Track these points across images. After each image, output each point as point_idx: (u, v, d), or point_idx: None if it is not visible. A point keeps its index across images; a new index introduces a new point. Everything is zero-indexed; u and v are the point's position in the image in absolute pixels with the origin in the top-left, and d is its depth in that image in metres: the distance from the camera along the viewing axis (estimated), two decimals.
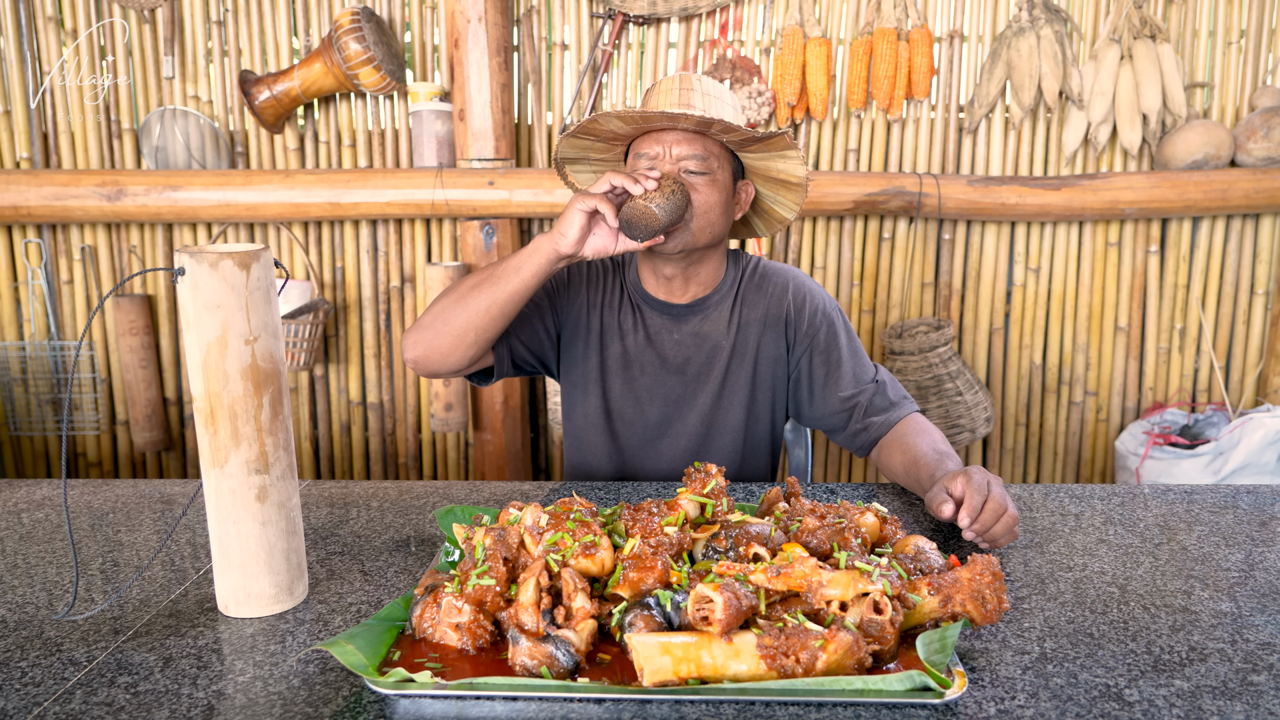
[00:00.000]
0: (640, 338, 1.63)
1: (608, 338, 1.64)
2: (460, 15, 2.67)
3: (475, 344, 1.47)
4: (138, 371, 2.89)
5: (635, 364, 1.63)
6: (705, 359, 1.62)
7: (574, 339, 1.65)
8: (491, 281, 1.43)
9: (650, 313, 1.63)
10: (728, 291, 1.63)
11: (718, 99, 1.51)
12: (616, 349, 1.63)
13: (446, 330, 1.46)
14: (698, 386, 1.62)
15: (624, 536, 1.05)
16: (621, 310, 1.64)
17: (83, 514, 1.38)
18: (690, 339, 1.62)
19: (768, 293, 1.63)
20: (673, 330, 1.62)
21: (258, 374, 1.00)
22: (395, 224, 2.93)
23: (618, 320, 1.63)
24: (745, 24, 2.85)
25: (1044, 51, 2.72)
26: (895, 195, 2.72)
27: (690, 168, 1.46)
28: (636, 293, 1.64)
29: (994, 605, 0.91)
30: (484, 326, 1.45)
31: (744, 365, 1.62)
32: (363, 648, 0.90)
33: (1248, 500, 1.40)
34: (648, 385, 1.63)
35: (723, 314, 1.62)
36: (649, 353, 1.63)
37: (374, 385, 3.02)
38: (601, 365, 1.64)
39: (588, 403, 1.66)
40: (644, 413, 1.64)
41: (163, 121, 2.83)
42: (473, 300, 1.44)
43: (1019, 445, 3.08)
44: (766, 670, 0.84)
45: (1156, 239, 2.90)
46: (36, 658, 0.94)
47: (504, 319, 1.46)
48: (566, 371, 1.67)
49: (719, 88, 1.53)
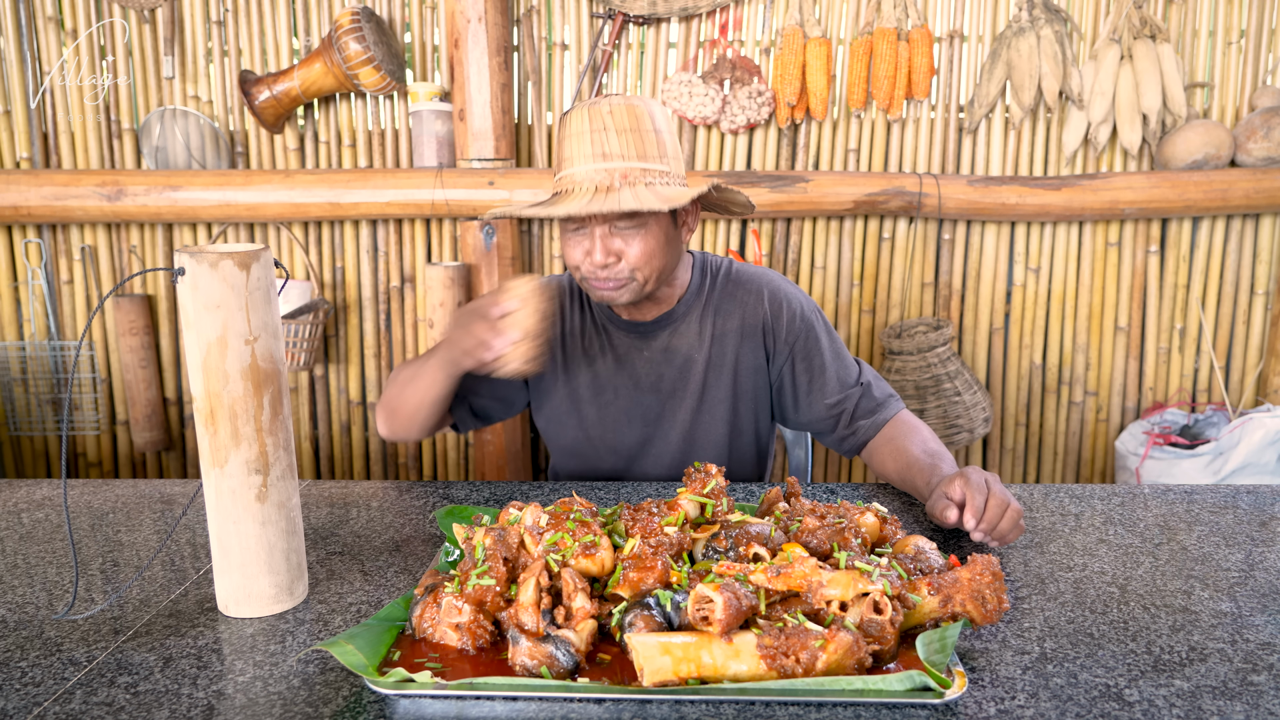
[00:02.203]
0: (609, 361, 1.59)
1: (574, 366, 1.60)
2: (460, 15, 2.67)
3: (425, 425, 1.53)
4: (138, 371, 2.89)
5: (608, 389, 1.60)
6: (678, 373, 1.58)
7: (540, 373, 1.61)
8: (416, 381, 1.48)
9: (616, 333, 1.59)
10: (695, 300, 1.59)
11: (636, 131, 1.38)
12: (586, 377, 1.60)
13: (400, 415, 1.53)
14: (675, 403, 1.59)
15: (624, 536, 1.05)
16: (585, 336, 1.60)
17: (83, 514, 1.38)
18: (660, 355, 1.58)
19: (742, 300, 1.58)
20: (642, 348, 1.59)
21: (258, 374, 1.00)
22: (395, 224, 2.93)
23: (582, 346, 1.60)
24: (745, 24, 2.85)
25: (1044, 51, 2.72)
26: (895, 195, 2.72)
27: (621, 225, 1.41)
28: (600, 313, 1.61)
29: (994, 605, 0.91)
30: (427, 415, 1.51)
31: (722, 377, 1.58)
32: (363, 648, 0.90)
33: (1248, 500, 1.40)
34: (623, 408, 1.60)
35: (691, 325, 1.58)
36: (620, 375, 1.59)
37: (374, 385, 3.02)
38: (572, 395, 1.61)
39: (564, 434, 1.64)
40: (623, 436, 1.61)
41: (163, 121, 2.83)
42: (409, 394, 1.50)
43: (1019, 445, 3.08)
44: (766, 670, 0.84)
45: (1156, 239, 2.90)
46: (36, 658, 0.94)
47: (440, 409, 1.50)
48: (539, 407, 1.66)
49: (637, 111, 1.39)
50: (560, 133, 1.43)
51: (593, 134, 1.38)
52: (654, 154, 1.40)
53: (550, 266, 2.97)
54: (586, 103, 1.41)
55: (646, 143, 1.39)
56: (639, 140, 1.39)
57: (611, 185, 1.37)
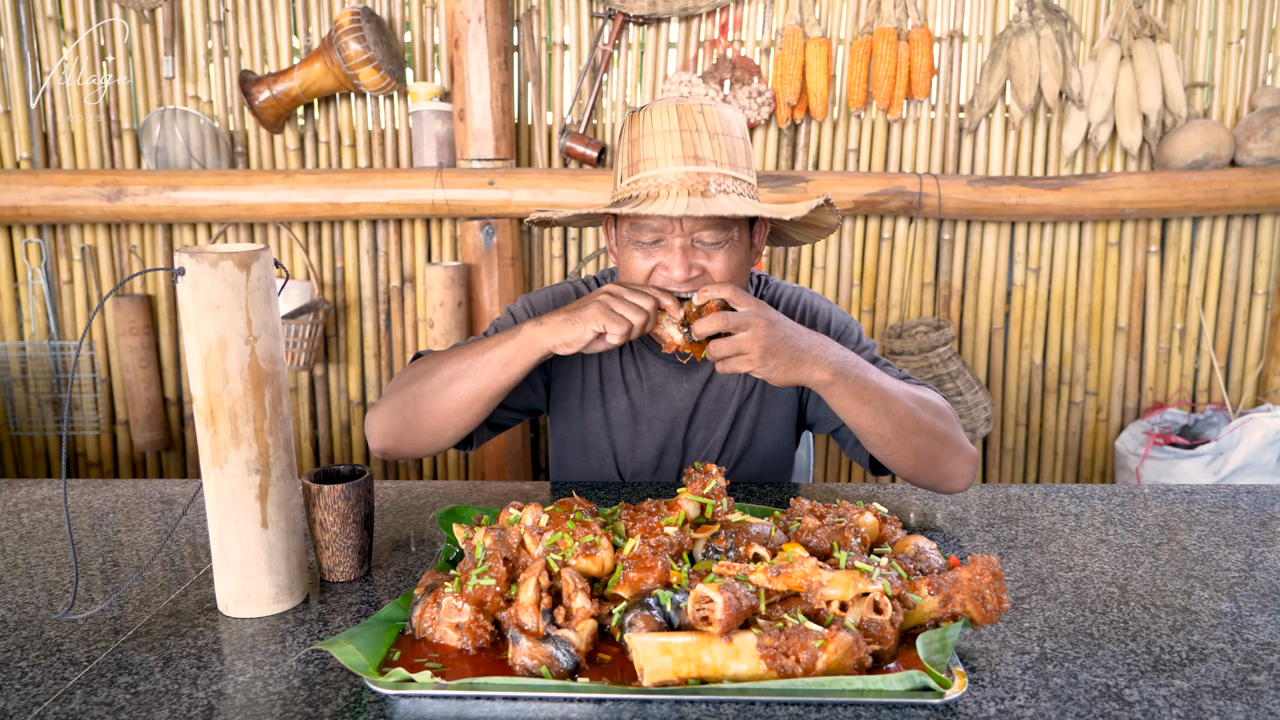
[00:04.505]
0: (645, 391, 1.50)
1: (609, 390, 1.50)
2: (460, 15, 2.67)
3: (455, 435, 1.33)
4: (138, 371, 2.89)
5: (642, 419, 1.50)
6: (714, 403, 1.50)
7: (567, 390, 1.51)
8: (473, 374, 1.26)
9: (655, 362, 1.49)
10: None
11: (727, 136, 1.28)
12: (621, 403, 1.50)
13: (423, 424, 1.30)
14: (707, 433, 1.52)
15: (624, 536, 1.05)
16: (623, 360, 1.50)
17: (83, 514, 1.38)
18: (700, 387, 1.49)
19: None
20: (681, 380, 1.49)
21: (258, 374, 1.00)
22: (395, 224, 2.93)
23: (620, 372, 1.49)
24: (745, 24, 2.85)
25: (1044, 51, 2.72)
26: (895, 195, 2.72)
27: (705, 239, 1.28)
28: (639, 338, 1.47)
29: (994, 605, 0.91)
30: (467, 420, 1.30)
31: (751, 404, 1.51)
32: (363, 648, 0.90)
33: (1248, 500, 1.40)
34: (655, 440, 1.51)
35: None
36: (656, 407, 1.50)
37: (374, 385, 3.02)
38: (606, 420, 1.51)
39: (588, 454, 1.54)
40: (650, 457, 1.54)
41: (163, 121, 2.83)
42: (452, 392, 1.27)
43: (1019, 445, 3.08)
44: (766, 670, 0.84)
45: (1156, 239, 2.90)
46: (36, 658, 0.94)
47: (488, 410, 1.30)
48: (560, 422, 1.55)
49: (724, 116, 1.29)
50: (635, 130, 1.29)
51: (683, 133, 1.25)
52: (743, 164, 1.30)
53: (550, 267, 2.97)
54: (671, 100, 1.29)
55: (735, 150, 1.29)
56: (730, 146, 1.28)
57: (706, 190, 1.24)
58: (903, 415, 1.27)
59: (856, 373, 1.24)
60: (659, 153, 1.26)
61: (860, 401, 1.25)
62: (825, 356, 1.22)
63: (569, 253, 2.97)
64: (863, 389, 1.25)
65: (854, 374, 1.24)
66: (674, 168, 1.25)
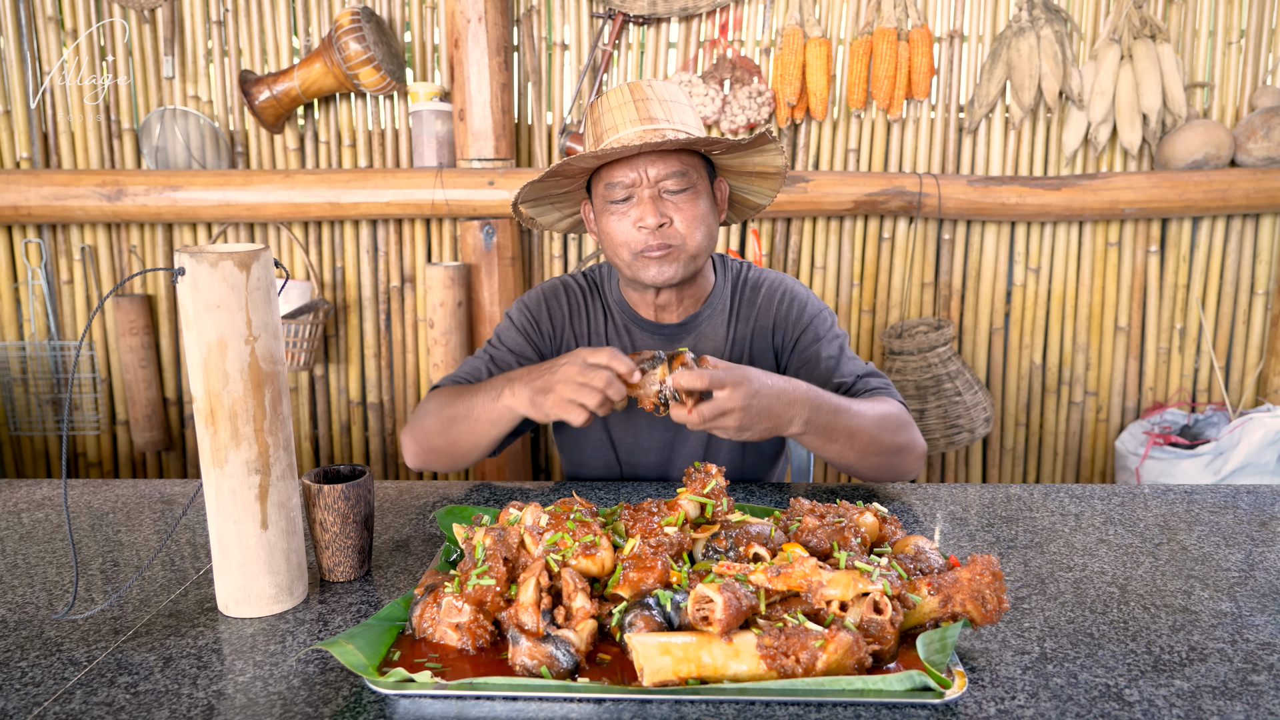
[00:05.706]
0: None
1: None
2: (460, 15, 2.67)
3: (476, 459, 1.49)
4: (138, 371, 2.89)
5: (643, 417, 1.55)
6: None
7: None
8: (469, 425, 1.41)
9: (640, 335, 1.56)
10: (720, 304, 1.56)
11: (675, 103, 1.43)
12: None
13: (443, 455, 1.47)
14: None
15: (624, 536, 1.05)
16: (609, 338, 1.57)
17: (83, 514, 1.38)
18: None
19: (759, 305, 1.57)
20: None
21: (258, 374, 1.00)
22: (395, 224, 2.93)
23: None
24: (745, 24, 2.85)
25: (1044, 51, 2.72)
26: (895, 195, 2.72)
27: (670, 187, 1.40)
28: (622, 313, 1.56)
29: (994, 605, 0.91)
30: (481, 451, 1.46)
31: None
32: (363, 648, 0.90)
33: (1248, 500, 1.40)
34: (656, 439, 1.56)
35: (718, 329, 1.56)
36: None
37: (374, 385, 3.02)
38: (606, 420, 1.56)
39: (587, 436, 1.59)
40: (647, 437, 1.57)
41: (163, 121, 2.83)
42: (455, 434, 1.44)
43: (1019, 445, 3.08)
44: (766, 670, 0.84)
45: (1156, 239, 2.90)
46: (36, 658, 0.94)
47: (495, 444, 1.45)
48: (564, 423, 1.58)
49: (671, 89, 1.45)
50: (597, 112, 1.44)
51: (636, 103, 1.40)
52: (693, 124, 1.43)
53: (550, 267, 2.97)
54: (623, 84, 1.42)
55: (685, 114, 1.43)
56: (680, 110, 1.42)
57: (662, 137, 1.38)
58: (866, 444, 1.37)
59: (824, 420, 1.33)
60: (618, 121, 1.40)
61: (827, 441, 1.35)
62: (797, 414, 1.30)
63: (569, 253, 2.97)
64: (830, 432, 1.34)
65: (823, 421, 1.33)
66: (632, 129, 1.39)
